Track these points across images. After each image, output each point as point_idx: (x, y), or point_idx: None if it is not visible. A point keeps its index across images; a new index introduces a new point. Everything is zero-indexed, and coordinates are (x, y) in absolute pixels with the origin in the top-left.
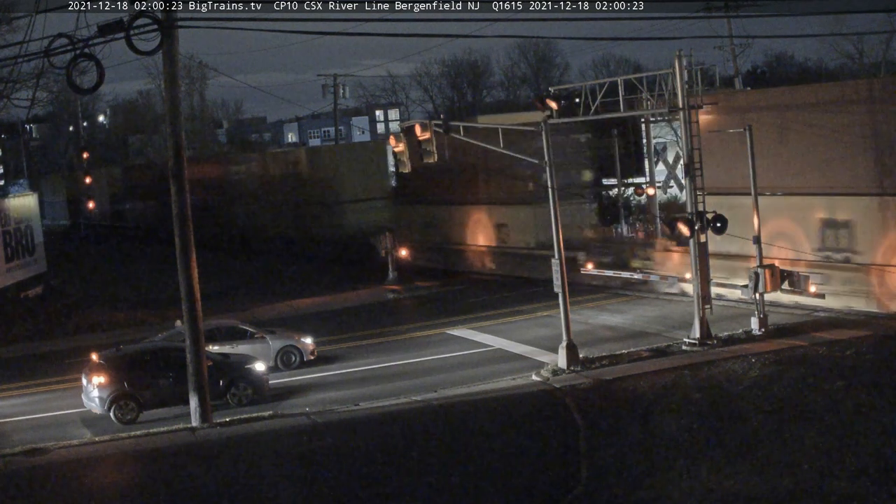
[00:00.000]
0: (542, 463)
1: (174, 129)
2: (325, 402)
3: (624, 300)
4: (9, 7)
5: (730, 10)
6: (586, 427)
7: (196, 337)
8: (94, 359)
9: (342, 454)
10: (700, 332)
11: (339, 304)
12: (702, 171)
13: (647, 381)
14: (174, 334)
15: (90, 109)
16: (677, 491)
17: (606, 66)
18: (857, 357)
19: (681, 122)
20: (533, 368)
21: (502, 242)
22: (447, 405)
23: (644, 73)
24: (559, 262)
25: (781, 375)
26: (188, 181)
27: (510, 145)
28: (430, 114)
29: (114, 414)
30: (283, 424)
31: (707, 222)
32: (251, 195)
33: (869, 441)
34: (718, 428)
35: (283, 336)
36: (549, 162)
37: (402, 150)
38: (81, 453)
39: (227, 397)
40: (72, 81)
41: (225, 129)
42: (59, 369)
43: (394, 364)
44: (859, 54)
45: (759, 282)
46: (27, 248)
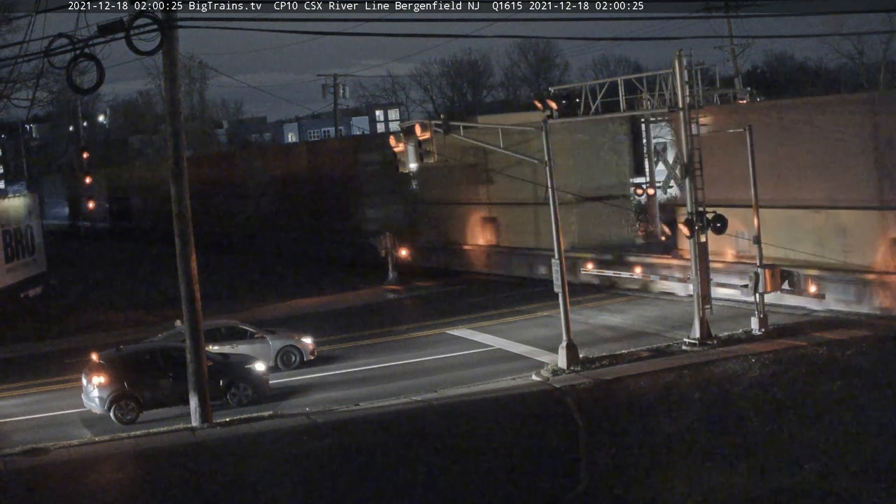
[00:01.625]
0: (542, 463)
1: (174, 129)
2: (325, 402)
3: (624, 300)
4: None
5: (730, 10)
6: (586, 427)
7: (196, 337)
8: (94, 359)
9: (342, 454)
10: (700, 332)
11: (340, 304)
12: (702, 171)
13: (647, 381)
14: (174, 334)
15: (90, 109)
16: (677, 491)
17: (606, 66)
18: (857, 357)
19: (680, 123)
20: (533, 368)
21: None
22: (447, 405)
23: (644, 73)
24: (559, 262)
25: (781, 375)
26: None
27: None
28: (430, 114)
29: (114, 414)
30: (283, 424)
31: (707, 222)
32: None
33: (869, 441)
34: (718, 428)
35: (283, 336)
36: (549, 162)
37: (402, 150)
38: (81, 453)
39: (227, 397)
40: (72, 81)
41: (225, 129)
42: (59, 369)
43: (394, 364)
44: (859, 54)
45: (759, 282)
46: (27, 248)
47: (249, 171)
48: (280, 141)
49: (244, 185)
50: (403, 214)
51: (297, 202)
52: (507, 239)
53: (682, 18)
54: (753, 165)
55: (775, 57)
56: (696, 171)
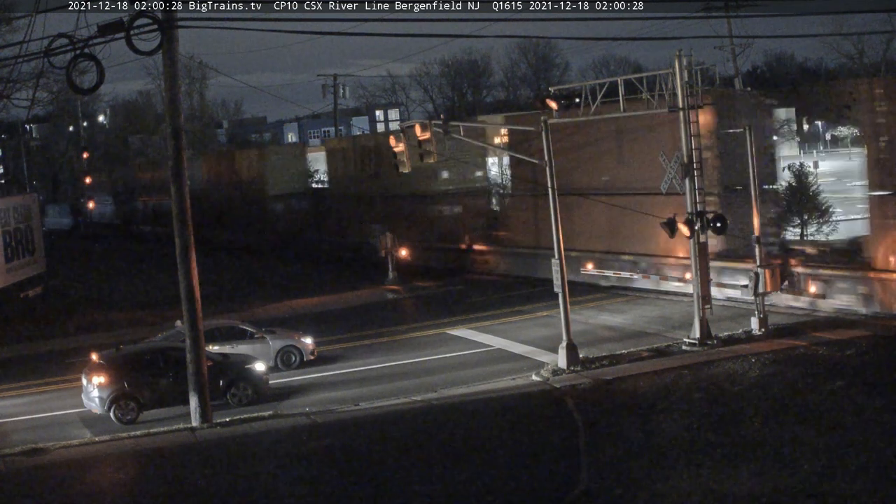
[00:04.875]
0: (542, 463)
1: (174, 129)
2: (325, 402)
3: (624, 300)
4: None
5: (730, 10)
6: (586, 427)
7: (196, 337)
8: (94, 359)
9: (342, 454)
10: (700, 332)
11: (340, 304)
12: (702, 171)
13: (647, 381)
14: (174, 334)
15: (90, 109)
16: (677, 491)
17: (606, 66)
18: (856, 357)
19: (680, 123)
20: (533, 368)
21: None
22: (447, 405)
23: (644, 73)
24: (559, 261)
25: (781, 375)
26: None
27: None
28: (430, 114)
29: (114, 414)
30: (284, 424)
31: (707, 222)
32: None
33: (868, 441)
34: (718, 428)
35: (283, 336)
36: (549, 162)
37: (402, 150)
38: (81, 453)
39: (227, 397)
40: (72, 81)
41: (225, 129)
42: (59, 369)
43: (394, 364)
44: (859, 54)
45: (759, 282)
46: (27, 248)
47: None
48: (280, 141)
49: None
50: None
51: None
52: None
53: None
54: (753, 165)
55: (775, 57)
56: (695, 171)
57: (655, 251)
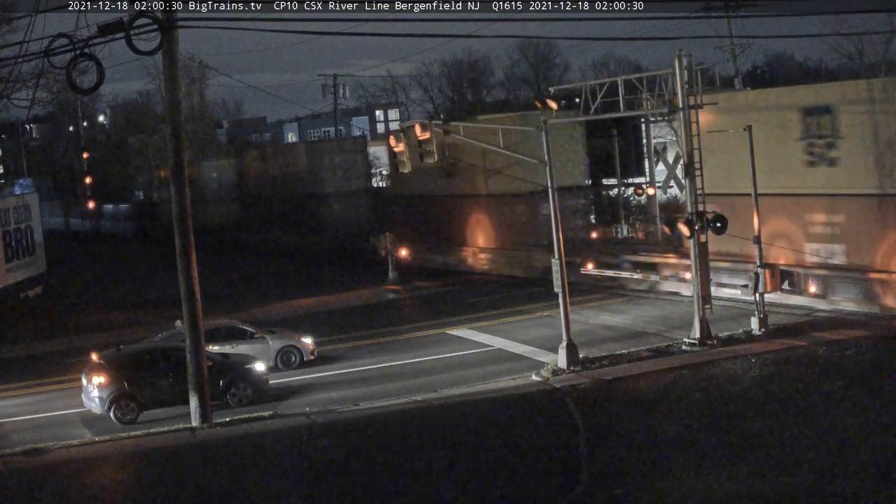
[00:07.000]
0: (542, 463)
1: (174, 129)
2: (325, 402)
3: (624, 300)
4: (9, 7)
5: (730, 10)
6: (586, 427)
7: (196, 337)
8: (94, 359)
9: (342, 454)
10: (700, 332)
11: (340, 304)
12: (702, 171)
13: (647, 381)
14: (174, 334)
15: (90, 109)
16: (677, 491)
17: (606, 66)
18: (857, 357)
19: (680, 123)
20: (533, 368)
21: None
22: (447, 405)
23: (644, 73)
24: (559, 261)
25: (781, 375)
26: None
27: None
28: (430, 114)
29: (114, 414)
30: (283, 424)
31: (707, 222)
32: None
33: (869, 441)
34: (718, 428)
35: (283, 336)
36: (549, 162)
37: (402, 150)
38: (81, 453)
39: (227, 397)
40: (72, 81)
41: (225, 129)
42: (59, 369)
43: (394, 364)
44: (859, 54)
45: (759, 282)
46: (27, 249)
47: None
48: (280, 141)
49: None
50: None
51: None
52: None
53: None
54: (753, 165)
55: (775, 57)
56: (696, 170)
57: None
